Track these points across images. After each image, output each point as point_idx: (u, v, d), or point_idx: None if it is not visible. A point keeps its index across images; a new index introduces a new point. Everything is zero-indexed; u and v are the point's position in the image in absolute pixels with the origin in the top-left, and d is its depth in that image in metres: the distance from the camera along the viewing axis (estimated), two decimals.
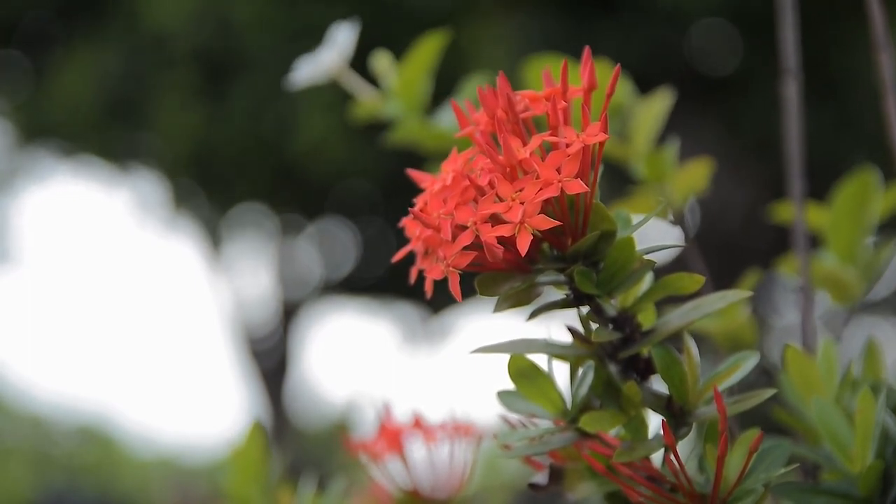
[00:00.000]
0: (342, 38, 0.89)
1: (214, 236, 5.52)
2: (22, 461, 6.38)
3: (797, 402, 0.70)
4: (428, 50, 0.89)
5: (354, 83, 0.91)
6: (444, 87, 0.95)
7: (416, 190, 0.58)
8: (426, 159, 0.90)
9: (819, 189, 0.88)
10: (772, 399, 0.57)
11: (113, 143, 4.60)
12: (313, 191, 4.64)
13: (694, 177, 0.88)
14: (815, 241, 0.89)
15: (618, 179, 0.57)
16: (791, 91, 0.85)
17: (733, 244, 4.28)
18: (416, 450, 0.81)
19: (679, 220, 0.84)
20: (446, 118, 0.90)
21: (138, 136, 4.58)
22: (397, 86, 0.90)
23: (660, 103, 0.87)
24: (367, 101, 0.91)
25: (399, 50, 0.92)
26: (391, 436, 0.79)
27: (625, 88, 0.87)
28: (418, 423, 0.80)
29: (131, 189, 5.14)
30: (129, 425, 8.00)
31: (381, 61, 0.91)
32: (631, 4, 3.74)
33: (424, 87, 0.90)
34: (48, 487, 5.95)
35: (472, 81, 0.89)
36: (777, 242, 0.86)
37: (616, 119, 0.86)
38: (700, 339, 0.61)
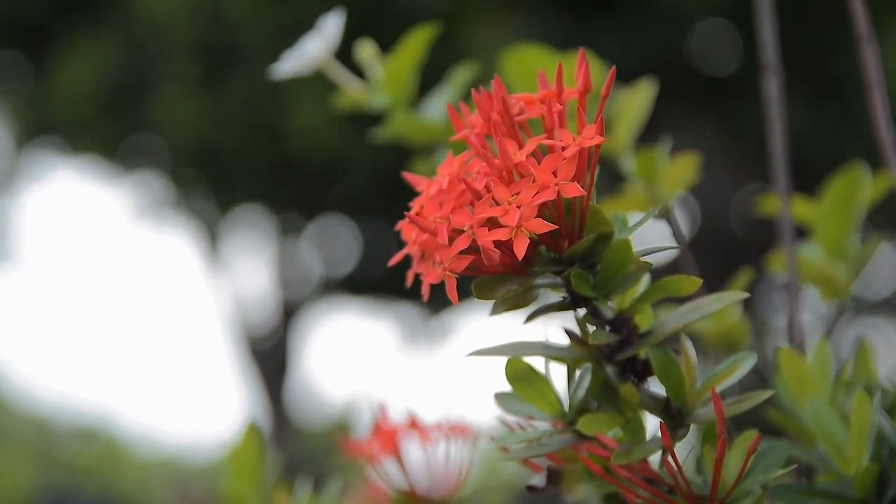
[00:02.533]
0: (329, 29, 0.88)
1: (215, 236, 5.51)
2: (24, 461, 6.38)
3: (791, 403, 0.70)
4: (416, 44, 0.88)
5: (340, 74, 0.89)
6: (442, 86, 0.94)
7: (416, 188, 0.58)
8: (420, 152, 0.89)
9: (820, 188, 0.87)
10: (765, 400, 0.57)
11: (114, 138, 4.59)
12: (313, 187, 4.63)
13: (682, 171, 0.86)
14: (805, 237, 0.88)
15: (601, 174, 0.57)
16: (772, 87, 0.85)
17: (733, 243, 4.28)
18: (413, 450, 0.81)
19: (667, 217, 0.83)
20: (433, 110, 0.89)
21: (139, 131, 4.58)
22: (384, 78, 0.88)
23: (642, 93, 0.85)
24: (352, 92, 0.89)
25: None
26: (386, 436, 0.79)
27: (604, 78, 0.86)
28: (414, 424, 0.80)
29: (132, 188, 5.14)
30: (131, 426, 8.00)
31: (365, 51, 0.89)
32: (632, 4, 3.74)
33: (411, 81, 0.89)
34: (50, 487, 5.95)
35: (463, 72, 0.89)
36: (776, 242, 0.86)
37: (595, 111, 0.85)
38: (693, 338, 0.61)
